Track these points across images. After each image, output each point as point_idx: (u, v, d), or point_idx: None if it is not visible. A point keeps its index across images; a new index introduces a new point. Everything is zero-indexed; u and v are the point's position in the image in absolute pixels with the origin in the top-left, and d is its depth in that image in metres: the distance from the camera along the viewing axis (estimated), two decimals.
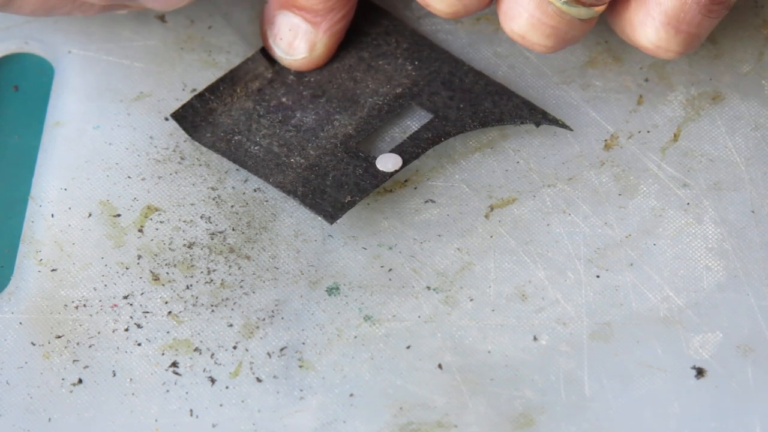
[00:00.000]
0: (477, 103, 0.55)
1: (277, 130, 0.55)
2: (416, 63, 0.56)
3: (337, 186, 0.53)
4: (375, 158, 0.54)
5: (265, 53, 0.56)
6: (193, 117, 0.55)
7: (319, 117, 0.55)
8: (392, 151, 0.54)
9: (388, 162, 0.53)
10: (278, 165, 0.54)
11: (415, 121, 0.56)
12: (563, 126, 0.55)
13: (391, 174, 0.53)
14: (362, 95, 0.56)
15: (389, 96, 0.56)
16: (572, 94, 0.56)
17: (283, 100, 0.56)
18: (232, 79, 0.56)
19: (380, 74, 0.56)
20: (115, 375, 0.50)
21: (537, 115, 0.55)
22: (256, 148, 0.54)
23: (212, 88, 0.55)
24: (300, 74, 0.56)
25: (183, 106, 0.55)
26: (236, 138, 0.55)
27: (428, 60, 0.57)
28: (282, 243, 0.53)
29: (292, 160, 0.54)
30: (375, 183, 0.53)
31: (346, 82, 0.56)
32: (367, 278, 0.52)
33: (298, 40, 0.55)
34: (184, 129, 0.55)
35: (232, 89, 0.56)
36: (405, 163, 0.53)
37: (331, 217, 0.52)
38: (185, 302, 0.51)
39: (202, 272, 0.52)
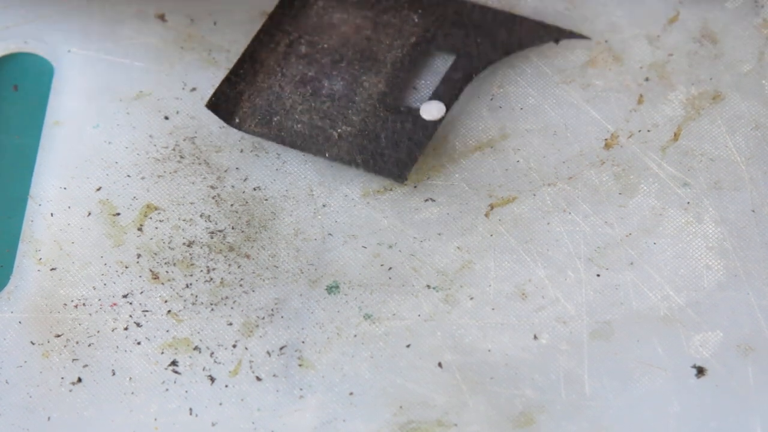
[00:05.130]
0: (492, 35, 0.56)
1: (313, 104, 0.55)
2: (420, 12, 0.57)
3: (393, 146, 0.54)
4: (418, 109, 0.54)
5: (275, 22, 0.57)
6: (226, 104, 0.55)
7: (347, 82, 0.56)
8: (431, 98, 0.54)
9: (432, 110, 0.54)
10: (328, 138, 0.54)
11: (440, 65, 0.56)
12: (581, 37, 0.56)
13: (440, 121, 0.54)
14: (380, 52, 0.56)
15: (406, 47, 0.56)
16: (572, 93, 0.56)
17: (306, 71, 0.56)
18: (251, 56, 0.56)
19: (389, 29, 0.57)
20: (114, 374, 0.50)
21: (553, 33, 0.56)
22: (299, 125, 0.54)
23: (236, 70, 0.56)
24: (312, 43, 0.57)
25: (215, 94, 0.55)
26: (276, 119, 0.55)
27: (431, 7, 0.57)
28: (282, 241, 0.53)
29: (339, 130, 0.54)
30: (428, 134, 0.54)
31: (360, 42, 0.57)
32: (367, 277, 0.52)
33: None
34: (222, 118, 0.55)
35: (253, 68, 0.56)
36: (447, 108, 0.54)
37: (399, 176, 0.53)
38: (185, 301, 0.51)
39: (201, 271, 0.52)
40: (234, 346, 0.50)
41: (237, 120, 0.55)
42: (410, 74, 0.56)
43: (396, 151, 0.54)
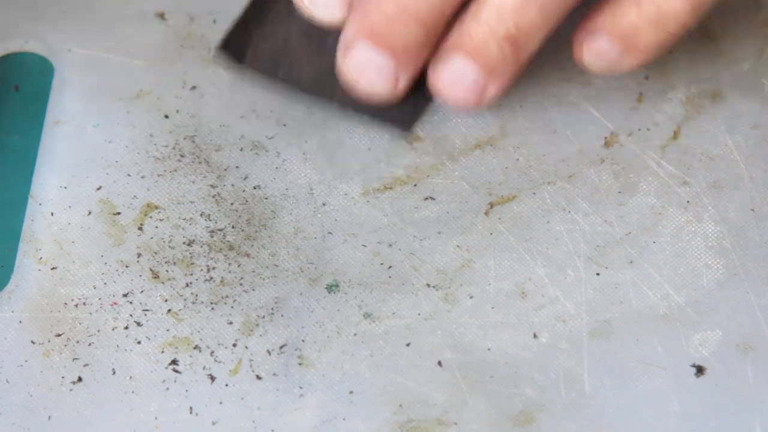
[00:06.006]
0: None
1: (320, 50, 0.55)
2: None
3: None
4: None
5: None
6: (235, 47, 0.55)
7: None
8: None
9: None
10: (335, 87, 0.54)
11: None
12: None
13: None
14: None
15: None
16: (572, 91, 0.56)
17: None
18: (262, 1, 0.56)
19: None
20: (114, 373, 0.50)
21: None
22: (307, 71, 0.54)
23: (246, 15, 0.55)
24: None
25: (226, 36, 0.55)
26: (284, 64, 0.55)
27: None
28: (281, 240, 0.53)
29: None
30: None
31: None
32: (367, 275, 0.52)
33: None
34: (231, 60, 0.55)
35: (263, 13, 0.56)
36: None
37: (407, 128, 0.54)
38: (185, 300, 0.51)
39: (201, 270, 0.52)
40: (234, 345, 0.50)
41: (246, 62, 0.55)
42: None
43: (403, 101, 0.54)
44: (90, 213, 0.54)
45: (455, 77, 0.50)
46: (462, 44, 0.50)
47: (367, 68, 0.51)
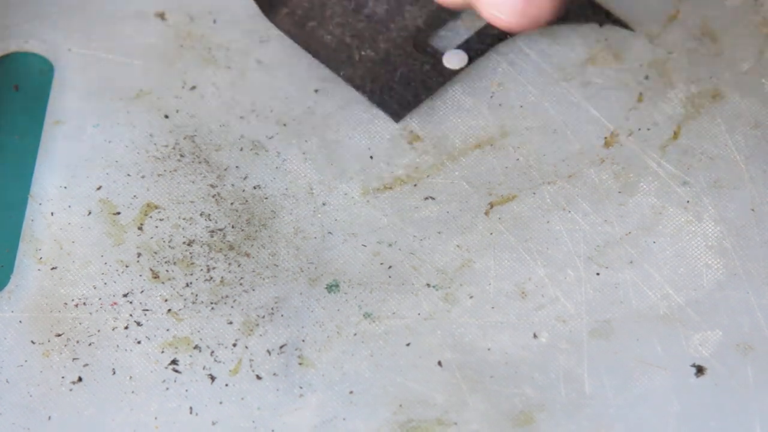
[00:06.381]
0: None
1: (350, 19, 0.56)
2: None
3: (404, 83, 0.55)
4: (442, 54, 0.55)
5: None
6: (269, 2, 0.56)
7: (391, 7, 0.56)
8: (459, 47, 0.55)
9: (454, 59, 0.55)
10: (349, 58, 0.55)
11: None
12: (626, 27, 0.56)
13: (457, 71, 0.55)
14: None
15: None
16: (572, 91, 0.56)
17: None
18: None
19: None
20: (114, 373, 0.50)
21: (601, 15, 0.57)
22: (328, 37, 0.55)
23: None
24: None
25: None
26: (310, 24, 0.56)
27: None
28: (281, 240, 0.53)
29: (363, 53, 0.55)
30: (441, 81, 0.55)
31: None
32: (367, 275, 0.52)
33: None
34: (261, 6, 0.56)
35: None
36: (470, 61, 0.55)
37: (397, 115, 0.54)
38: (185, 300, 0.51)
39: (201, 270, 0.52)
40: (234, 344, 0.50)
41: (275, 15, 0.55)
42: (452, 17, 0.56)
43: (405, 89, 0.54)
44: (90, 213, 0.54)
45: None
46: None
47: None
